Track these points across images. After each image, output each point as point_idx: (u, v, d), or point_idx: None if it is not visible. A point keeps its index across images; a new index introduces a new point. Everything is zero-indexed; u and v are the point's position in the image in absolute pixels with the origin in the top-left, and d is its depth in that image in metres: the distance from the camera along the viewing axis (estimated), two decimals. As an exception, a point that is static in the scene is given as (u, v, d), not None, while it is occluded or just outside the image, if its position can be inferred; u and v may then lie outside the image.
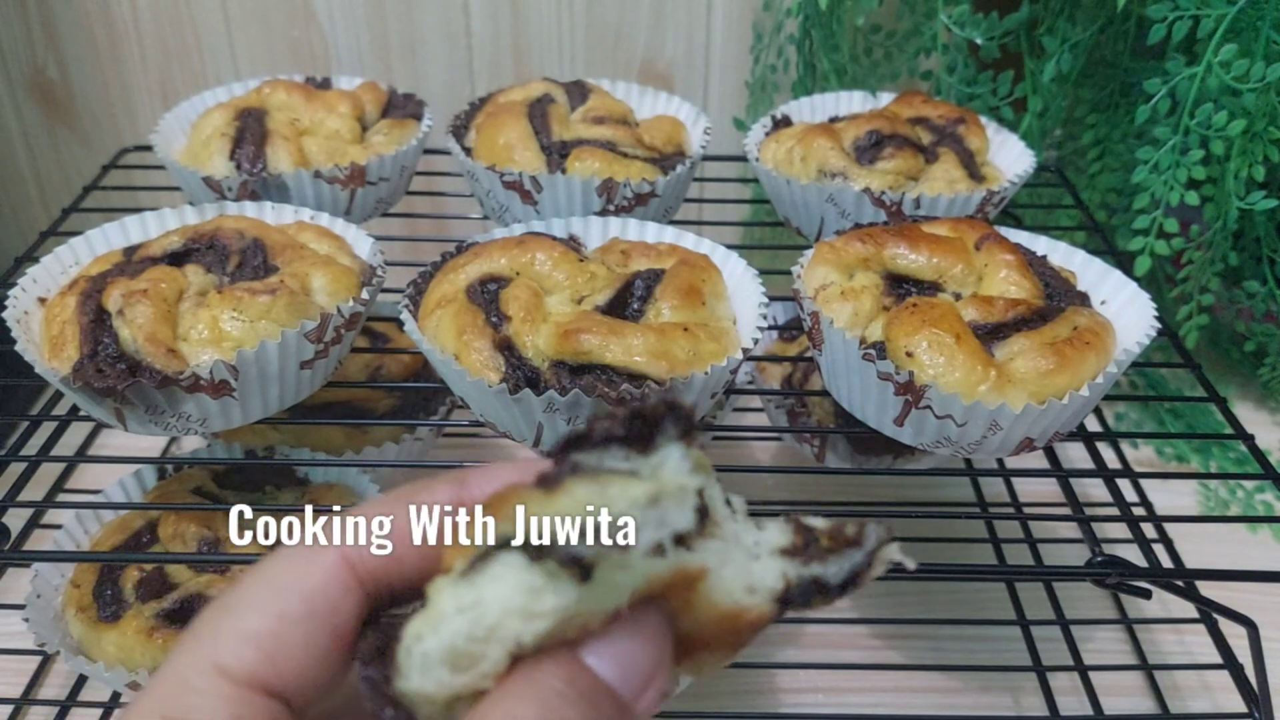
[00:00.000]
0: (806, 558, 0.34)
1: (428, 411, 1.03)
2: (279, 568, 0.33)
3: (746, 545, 0.34)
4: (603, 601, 0.31)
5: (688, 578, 0.32)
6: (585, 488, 0.30)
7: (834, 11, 1.17)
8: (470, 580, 0.31)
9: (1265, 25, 0.93)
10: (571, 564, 0.30)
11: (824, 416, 1.01)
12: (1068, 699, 0.89)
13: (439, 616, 0.31)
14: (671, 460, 0.32)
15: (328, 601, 0.32)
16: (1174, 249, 1.03)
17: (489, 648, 0.30)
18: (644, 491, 0.31)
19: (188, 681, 0.30)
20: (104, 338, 0.72)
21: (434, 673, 0.31)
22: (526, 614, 0.30)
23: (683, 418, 0.33)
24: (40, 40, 1.36)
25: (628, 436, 0.32)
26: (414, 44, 1.36)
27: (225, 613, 0.32)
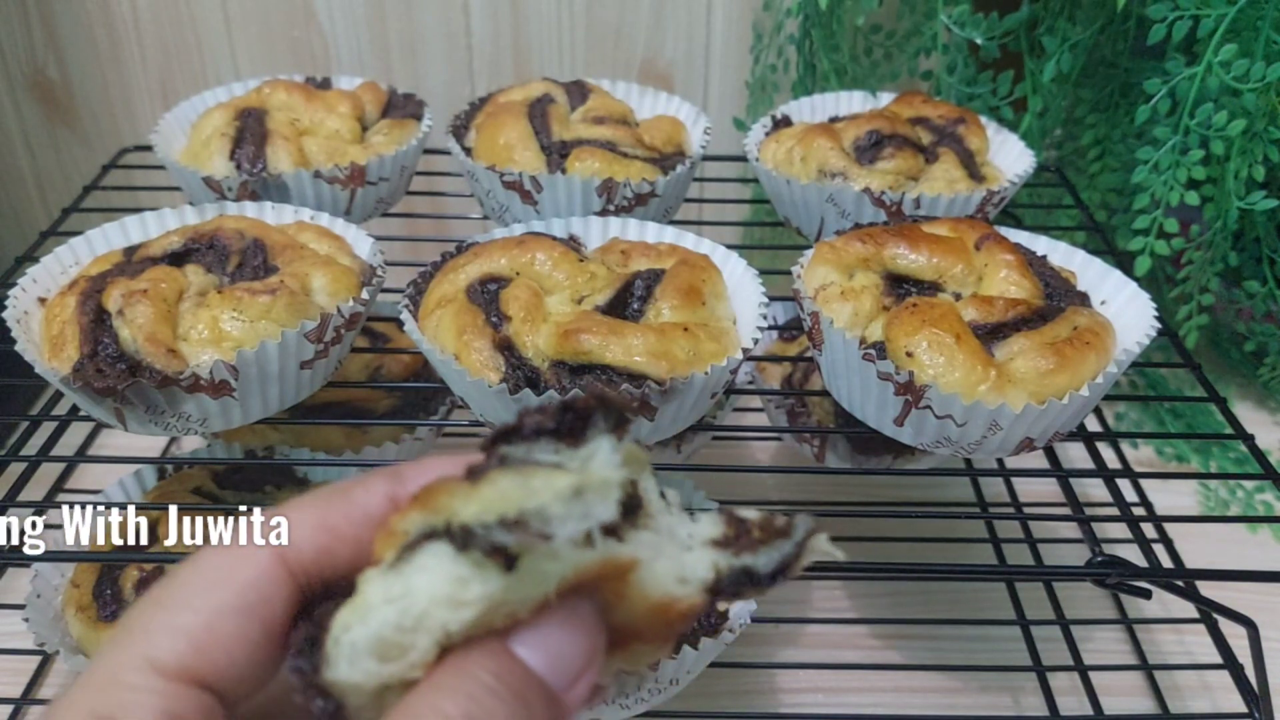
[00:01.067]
0: (738, 549, 0.34)
1: (428, 411, 1.03)
2: (211, 562, 0.33)
3: (680, 537, 0.34)
4: (530, 590, 0.32)
5: (618, 568, 0.33)
6: (509, 479, 0.30)
7: (834, 11, 1.17)
8: (398, 570, 0.31)
9: (1265, 25, 0.93)
10: (496, 554, 0.30)
11: (824, 416, 1.01)
12: (1068, 699, 0.89)
13: (366, 607, 0.31)
14: (601, 453, 0.32)
15: (259, 594, 0.32)
16: (1174, 249, 1.03)
17: (417, 637, 0.31)
18: (567, 484, 0.31)
19: (118, 677, 0.30)
20: (104, 338, 0.72)
21: (362, 663, 0.31)
22: (453, 603, 0.30)
23: (614, 412, 0.33)
24: (40, 40, 1.36)
25: (558, 430, 0.32)
26: (414, 44, 1.36)
27: (156, 607, 0.32)
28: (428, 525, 0.31)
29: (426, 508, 0.31)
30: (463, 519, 0.30)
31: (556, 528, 0.30)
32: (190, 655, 0.30)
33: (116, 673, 0.30)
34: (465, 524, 0.30)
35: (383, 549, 0.32)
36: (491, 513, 0.30)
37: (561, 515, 0.31)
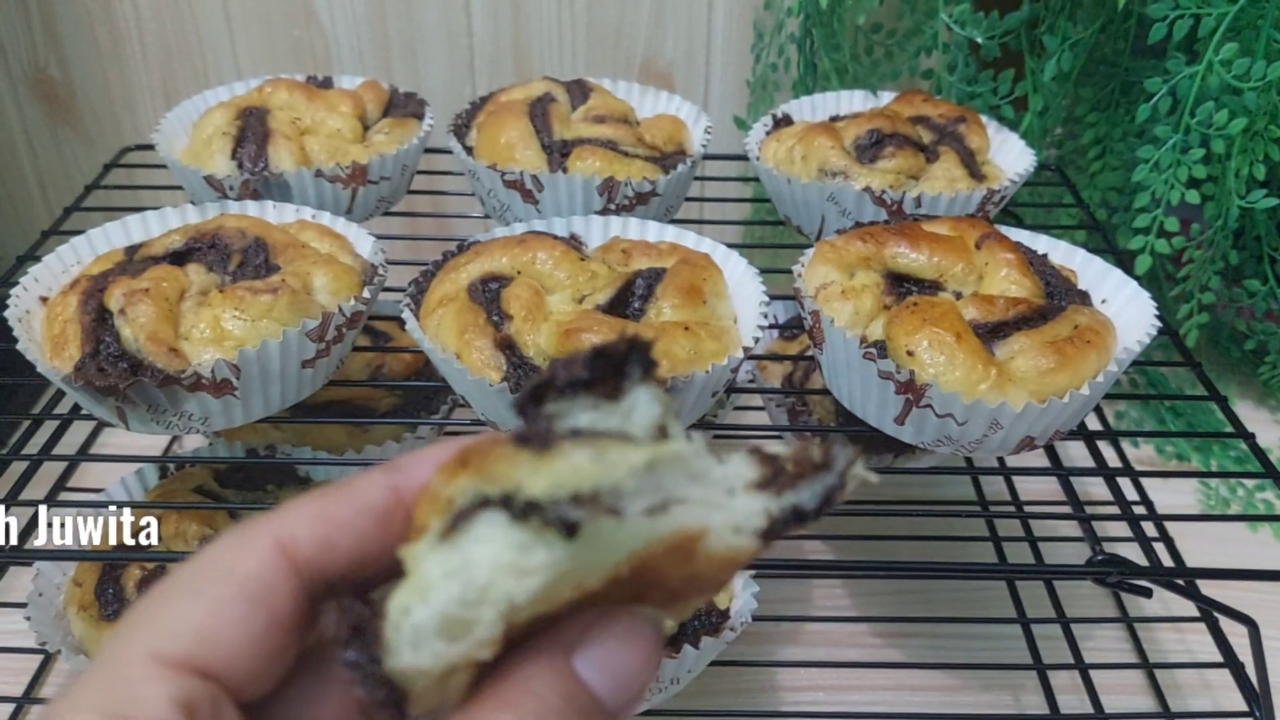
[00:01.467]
0: (778, 487, 0.33)
1: (429, 410, 1.03)
2: (212, 555, 0.33)
3: (716, 480, 0.33)
4: (600, 558, 0.30)
5: (688, 538, 0.32)
6: (582, 452, 0.29)
7: (835, 10, 1.17)
8: (453, 542, 0.30)
9: (1266, 24, 0.93)
10: (557, 524, 0.29)
11: (824, 415, 1.01)
12: (1068, 697, 0.89)
13: (426, 584, 0.29)
14: (641, 404, 0.32)
15: (263, 585, 0.32)
16: (1174, 248, 1.03)
17: (482, 611, 0.29)
18: (641, 459, 0.30)
19: (124, 672, 0.30)
20: (106, 337, 0.73)
21: (428, 644, 0.30)
22: (517, 571, 0.29)
23: (644, 356, 0.32)
24: (42, 39, 1.36)
25: (592, 380, 0.31)
26: (415, 43, 1.36)
27: (159, 600, 0.32)
28: (481, 493, 0.30)
29: (480, 475, 0.29)
30: (532, 493, 0.29)
31: (629, 504, 0.30)
32: (195, 646, 0.30)
33: (122, 668, 0.30)
34: (534, 498, 0.29)
35: (426, 516, 0.31)
36: (563, 489, 0.29)
37: (633, 490, 0.30)
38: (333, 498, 0.34)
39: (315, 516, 0.33)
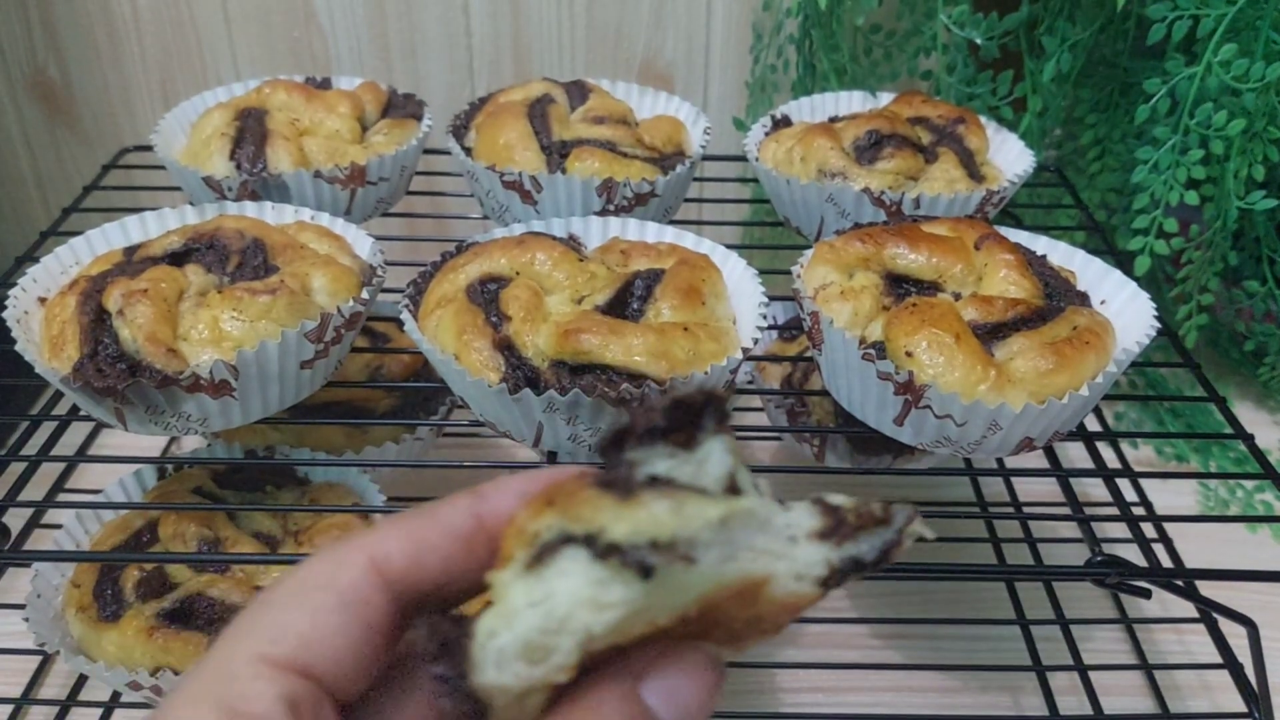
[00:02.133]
0: (839, 538, 0.35)
1: (428, 411, 1.03)
2: (312, 568, 0.36)
3: (780, 528, 0.35)
4: (671, 598, 0.33)
5: (754, 584, 0.34)
6: (663, 503, 0.32)
7: (834, 11, 1.17)
8: (538, 574, 0.32)
9: (1265, 25, 0.93)
10: (635, 566, 0.31)
11: (824, 416, 1.01)
12: (1067, 698, 0.89)
13: (511, 611, 0.32)
14: (714, 455, 0.34)
15: (358, 596, 0.35)
16: (1174, 249, 1.03)
17: (561, 639, 0.32)
18: (717, 515, 0.32)
19: (232, 670, 0.33)
20: (104, 337, 0.73)
21: (510, 666, 0.32)
22: (595, 605, 0.32)
23: (719, 409, 0.34)
24: (41, 40, 1.36)
25: (669, 428, 0.33)
26: (414, 44, 1.36)
27: (264, 608, 0.35)
28: (565, 531, 0.32)
29: (566, 514, 0.32)
30: (614, 537, 0.31)
31: (702, 553, 0.32)
32: (298, 649, 0.33)
33: (230, 667, 0.33)
34: (616, 541, 0.31)
35: (512, 547, 0.33)
36: (643, 535, 0.31)
37: (707, 542, 0.32)
38: (422, 520, 0.37)
39: (406, 536, 0.36)
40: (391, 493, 0.92)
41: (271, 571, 0.81)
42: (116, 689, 0.80)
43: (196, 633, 0.76)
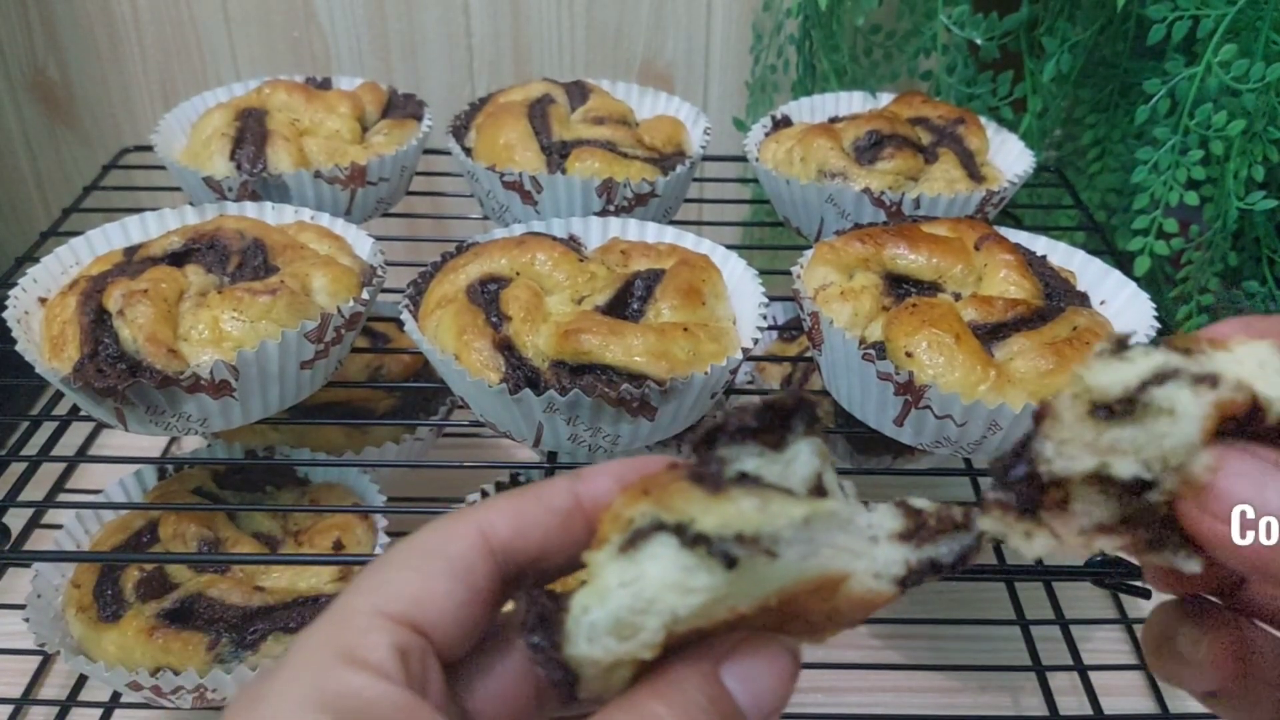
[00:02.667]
0: (919, 540, 0.38)
1: (428, 411, 1.03)
2: (428, 536, 0.38)
3: (862, 528, 0.37)
4: (751, 588, 0.35)
5: (832, 581, 0.36)
6: (750, 501, 0.34)
7: (834, 12, 1.17)
8: (630, 557, 0.35)
9: (1265, 25, 0.93)
10: (720, 556, 0.33)
11: (824, 416, 1.01)
12: (1067, 699, 0.89)
13: (604, 590, 0.35)
14: (802, 456, 0.37)
15: (465, 563, 0.37)
16: (1173, 249, 1.03)
17: (648, 619, 0.34)
18: (801, 514, 0.34)
19: (352, 621, 0.36)
20: (104, 338, 0.73)
21: (601, 640, 0.35)
22: (681, 589, 0.34)
23: (809, 413, 0.37)
24: (41, 40, 1.36)
25: (760, 429, 0.36)
26: (414, 44, 1.36)
27: (382, 569, 0.38)
28: (658, 519, 0.34)
29: (659, 504, 0.34)
30: (702, 528, 0.33)
31: (783, 549, 0.34)
32: (411, 607, 0.36)
33: (351, 617, 0.36)
34: (704, 532, 0.33)
35: (609, 530, 0.36)
36: (730, 528, 0.33)
37: (789, 539, 0.34)
38: (526, 497, 0.40)
39: (511, 511, 0.39)
40: (391, 493, 0.92)
41: (271, 572, 0.81)
42: (116, 689, 0.80)
43: (196, 633, 0.76)
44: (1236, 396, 0.35)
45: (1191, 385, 0.35)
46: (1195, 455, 0.35)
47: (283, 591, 0.80)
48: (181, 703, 0.76)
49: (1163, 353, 0.36)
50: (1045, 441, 0.37)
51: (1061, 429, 0.37)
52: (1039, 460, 0.37)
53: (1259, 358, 0.36)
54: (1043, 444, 0.37)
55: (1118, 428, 0.36)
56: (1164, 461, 0.36)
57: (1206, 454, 0.35)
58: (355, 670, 0.34)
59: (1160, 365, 0.36)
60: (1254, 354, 0.36)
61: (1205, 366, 0.36)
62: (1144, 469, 0.36)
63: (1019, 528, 0.37)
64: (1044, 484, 0.37)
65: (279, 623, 0.78)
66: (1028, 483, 0.37)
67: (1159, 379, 0.36)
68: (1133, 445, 0.36)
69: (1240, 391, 0.35)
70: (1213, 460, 0.35)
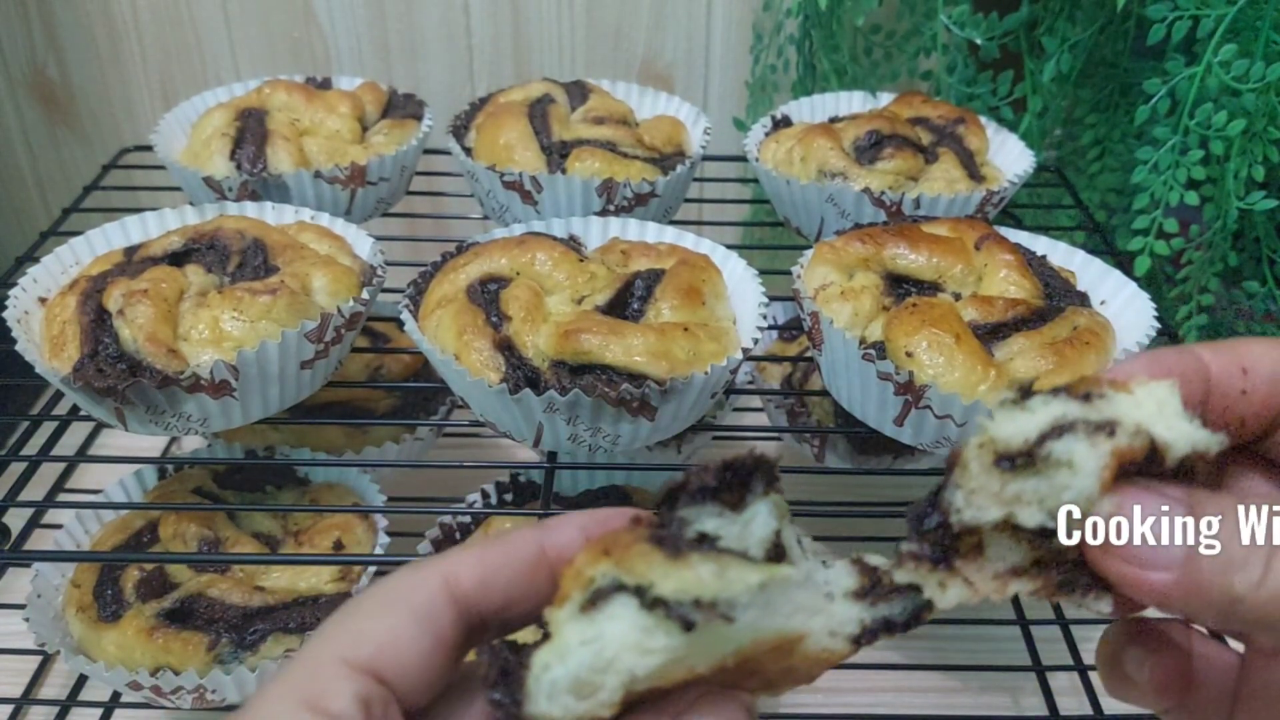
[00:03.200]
0: (874, 598, 0.39)
1: (428, 411, 1.03)
2: (392, 584, 0.39)
3: (819, 584, 0.38)
4: (709, 650, 0.36)
5: (788, 641, 0.37)
6: (707, 566, 0.34)
7: (834, 12, 1.17)
8: (591, 617, 0.35)
9: (1265, 25, 0.93)
10: (678, 620, 0.34)
11: (824, 416, 1.01)
12: (1067, 699, 0.89)
13: (565, 648, 0.35)
14: (760, 517, 0.37)
15: (430, 612, 0.38)
16: (1174, 249, 1.03)
17: (607, 678, 0.35)
18: (756, 580, 0.35)
19: (317, 670, 0.36)
20: (104, 337, 0.73)
21: (560, 699, 0.35)
22: (640, 650, 0.35)
23: (767, 473, 0.38)
24: (40, 40, 1.36)
25: (720, 488, 0.37)
26: (414, 44, 1.36)
27: (348, 617, 0.38)
28: (618, 580, 0.35)
29: (620, 565, 0.35)
30: (660, 593, 0.34)
31: (739, 614, 0.35)
32: (374, 655, 0.36)
33: (316, 667, 0.36)
34: (662, 597, 0.34)
35: (570, 587, 0.36)
36: (688, 594, 0.34)
37: (745, 605, 0.35)
38: (491, 547, 0.40)
39: (475, 560, 0.39)
40: (392, 493, 0.92)
41: (271, 571, 0.81)
42: (116, 689, 0.80)
43: (196, 633, 0.76)
44: (1134, 443, 0.36)
45: (1089, 436, 0.36)
46: (1097, 501, 0.36)
47: (283, 591, 0.80)
48: (181, 703, 0.76)
49: (1061, 402, 0.37)
50: (956, 491, 0.38)
51: (970, 479, 0.38)
52: (950, 510, 0.38)
53: (1157, 399, 0.37)
54: (954, 494, 0.38)
55: (1021, 479, 0.37)
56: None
57: (1107, 500, 0.36)
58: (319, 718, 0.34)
59: (1058, 417, 0.37)
60: (1153, 395, 0.37)
61: (1104, 413, 0.37)
62: (1048, 518, 0.37)
63: (933, 579, 0.39)
64: (957, 533, 0.38)
65: (279, 623, 0.78)
66: (941, 531, 0.38)
67: (1056, 431, 0.37)
68: (1035, 495, 0.37)
69: (1138, 437, 0.36)
70: (1112, 506, 0.36)
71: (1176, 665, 0.45)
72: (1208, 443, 0.37)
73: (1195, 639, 0.45)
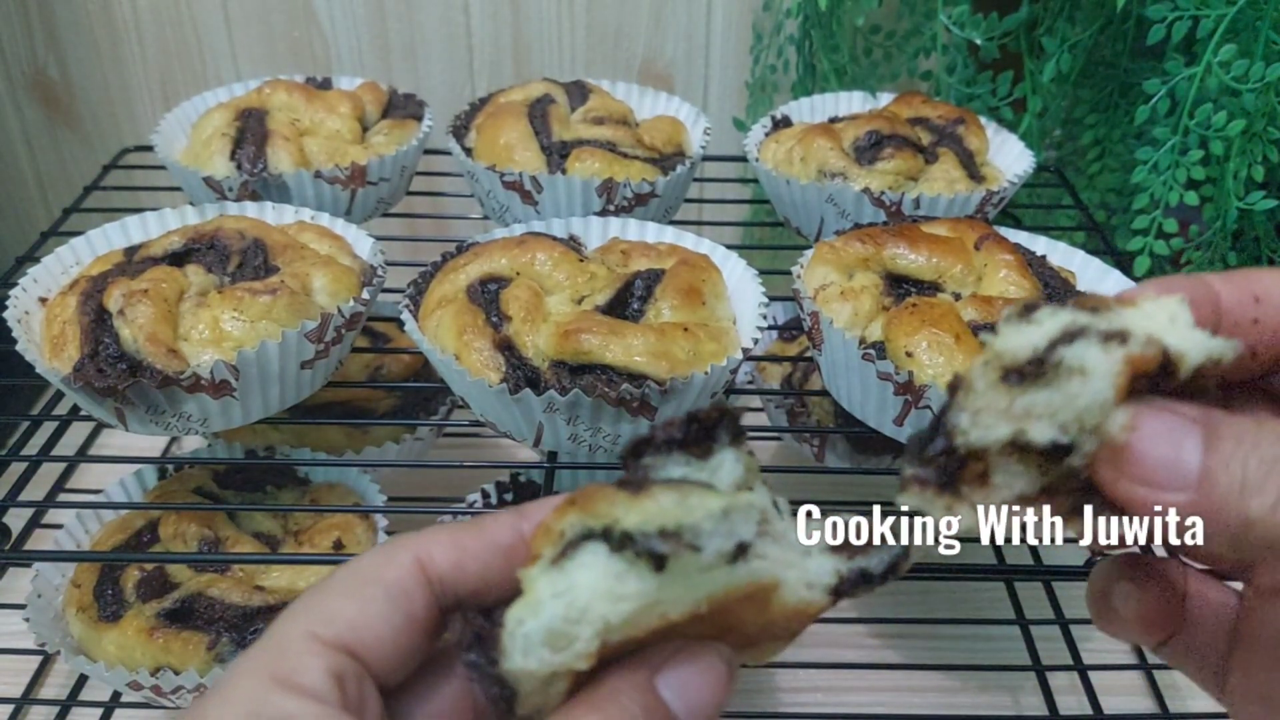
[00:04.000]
0: (851, 552, 0.38)
1: (428, 411, 1.03)
2: (365, 561, 0.39)
3: (794, 543, 0.38)
4: (681, 593, 0.35)
5: (763, 589, 0.36)
6: (668, 496, 0.34)
7: (834, 12, 1.17)
8: (561, 568, 0.35)
9: (1264, 25, 0.93)
10: (648, 556, 0.34)
11: (824, 416, 1.01)
12: (1067, 698, 0.89)
13: (537, 601, 0.35)
14: (726, 464, 0.37)
15: (402, 589, 0.38)
16: (1173, 249, 1.03)
17: (581, 628, 0.35)
18: (718, 505, 0.34)
19: (287, 646, 0.36)
20: (105, 338, 0.73)
21: (535, 652, 0.35)
22: (612, 596, 0.34)
23: (733, 424, 0.37)
24: (41, 40, 1.36)
25: (685, 440, 0.36)
26: (414, 44, 1.36)
27: (317, 594, 0.38)
28: (586, 527, 0.35)
29: (586, 511, 0.35)
30: (625, 526, 0.34)
31: (705, 541, 0.34)
32: (345, 632, 0.36)
33: (286, 643, 0.36)
34: (627, 530, 0.34)
35: (540, 545, 0.36)
36: (652, 524, 0.34)
37: (710, 531, 0.34)
38: (467, 529, 0.40)
39: (450, 542, 0.39)
40: (392, 493, 0.92)
41: (271, 571, 0.81)
42: (117, 689, 0.80)
43: (197, 632, 0.76)
44: (1147, 351, 0.34)
45: (1101, 342, 0.35)
46: (1110, 414, 0.35)
47: (283, 591, 0.80)
48: (182, 702, 0.76)
49: (1070, 312, 0.36)
50: (960, 413, 0.36)
51: (975, 398, 0.36)
52: (955, 433, 0.36)
53: (1169, 312, 0.36)
54: (958, 415, 0.36)
55: (1031, 392, 0.35)
56: (1080, 423, 0.35)
57: (1122, 413, 0.35)
58: (289, 694, 0.34)
59: (1068, 324, 0.35)
60: (1163, 309, 0.36)
61: (1114, 324, 0.35)
62: (1060, 432, 0.35)
63: (939, 503, 0.37)
64: (963, 457, 0.36)
65: (279, 622, 0.78)
66: (946, 456, 0.37)
67: (1067, 338, 0.35)
68: (1047, 408, 0.35)
69: (1151, 346, 0.34)
70: (1128, 420, 0.34)
71: (1162, 599, 0.44)
72: (1222, 350, 0.35)
73: (1191, 577, 0.45)
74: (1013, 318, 0.36)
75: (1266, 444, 0.34)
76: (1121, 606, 0.45)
